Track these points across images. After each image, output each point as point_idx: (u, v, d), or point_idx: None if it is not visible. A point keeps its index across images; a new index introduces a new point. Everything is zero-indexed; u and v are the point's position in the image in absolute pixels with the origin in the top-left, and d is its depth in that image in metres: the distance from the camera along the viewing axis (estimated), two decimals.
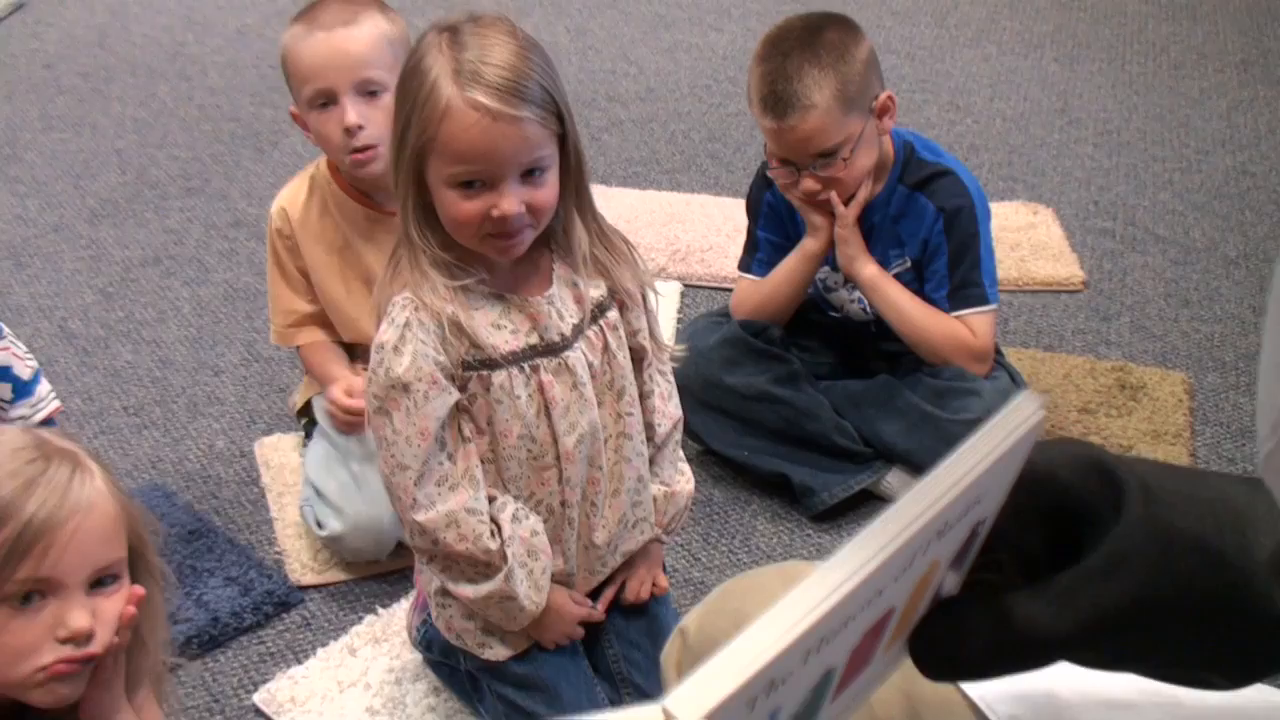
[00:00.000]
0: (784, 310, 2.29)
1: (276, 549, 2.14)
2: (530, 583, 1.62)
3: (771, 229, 2.32)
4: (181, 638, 1.91)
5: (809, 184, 2.13)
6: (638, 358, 1.70)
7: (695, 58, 4.30)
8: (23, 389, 1.91)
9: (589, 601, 1.73)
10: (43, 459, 1.22)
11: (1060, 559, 0.63)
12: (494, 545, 1.59)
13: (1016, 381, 2.22)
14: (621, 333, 1.66)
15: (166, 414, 2.49)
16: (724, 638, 0.45)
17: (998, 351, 2.24)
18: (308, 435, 2.22)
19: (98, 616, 1.23)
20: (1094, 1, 4.79)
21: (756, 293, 2.30)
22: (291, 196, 2.12)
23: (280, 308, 2.16)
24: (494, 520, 1.61)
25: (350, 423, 2.05)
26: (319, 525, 2.06)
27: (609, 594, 1.76)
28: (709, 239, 3.05)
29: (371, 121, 1.95)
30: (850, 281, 2.24)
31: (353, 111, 1.94)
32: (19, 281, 3.02)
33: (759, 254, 2.34)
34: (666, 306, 2.79)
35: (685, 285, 2.91)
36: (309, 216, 2.11)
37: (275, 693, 1.86)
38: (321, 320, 2.16)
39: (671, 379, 1.75)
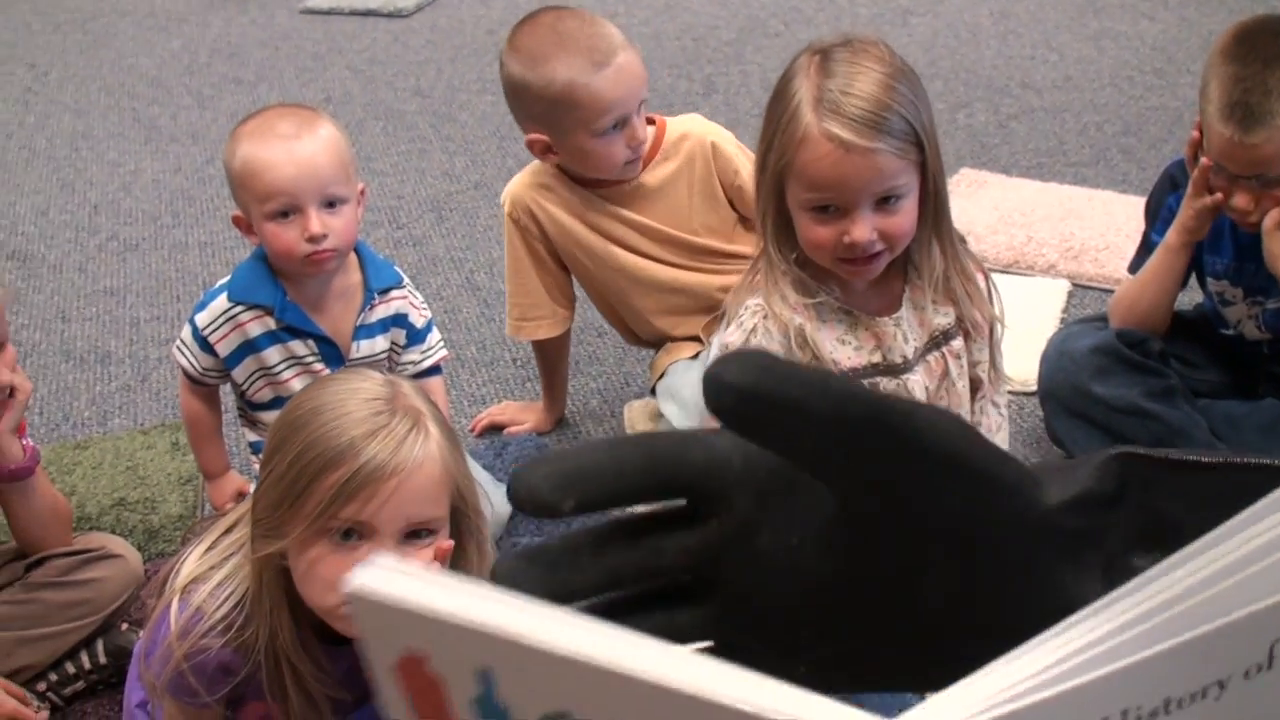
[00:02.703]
0: (1152, 313, 2.17)
1: (631, 509, 2.23)
2: None
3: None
4: None
5: (1241, 201, 1.97)
6: (974, 388, 1.68)
7: (1121, 46, 4.12)
8: (415, 336, 2.07)
9: None
10: (389, 413, 1.32)
11: None
12: None
13: None
14: (964, 362, 1.65)
15: None
16: None
17: None
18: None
19: None
20: None
21: (1125, 294, 2.21)
22: (528, 191, 2.23)
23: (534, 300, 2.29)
24: None
25: None
26: None
27: None
28: (1106, 238, 2.93)
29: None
30: (1253, 295, 2.11)
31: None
32: (438, 233, 3.25)
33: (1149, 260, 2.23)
34: (1050, 305, 2.72)
35: (1074, 284, 2.82)
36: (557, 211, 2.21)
37: None
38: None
39: (1005, 413, 1.72)
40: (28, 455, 1.85)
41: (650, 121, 2.24)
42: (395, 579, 0.37)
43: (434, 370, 2.10)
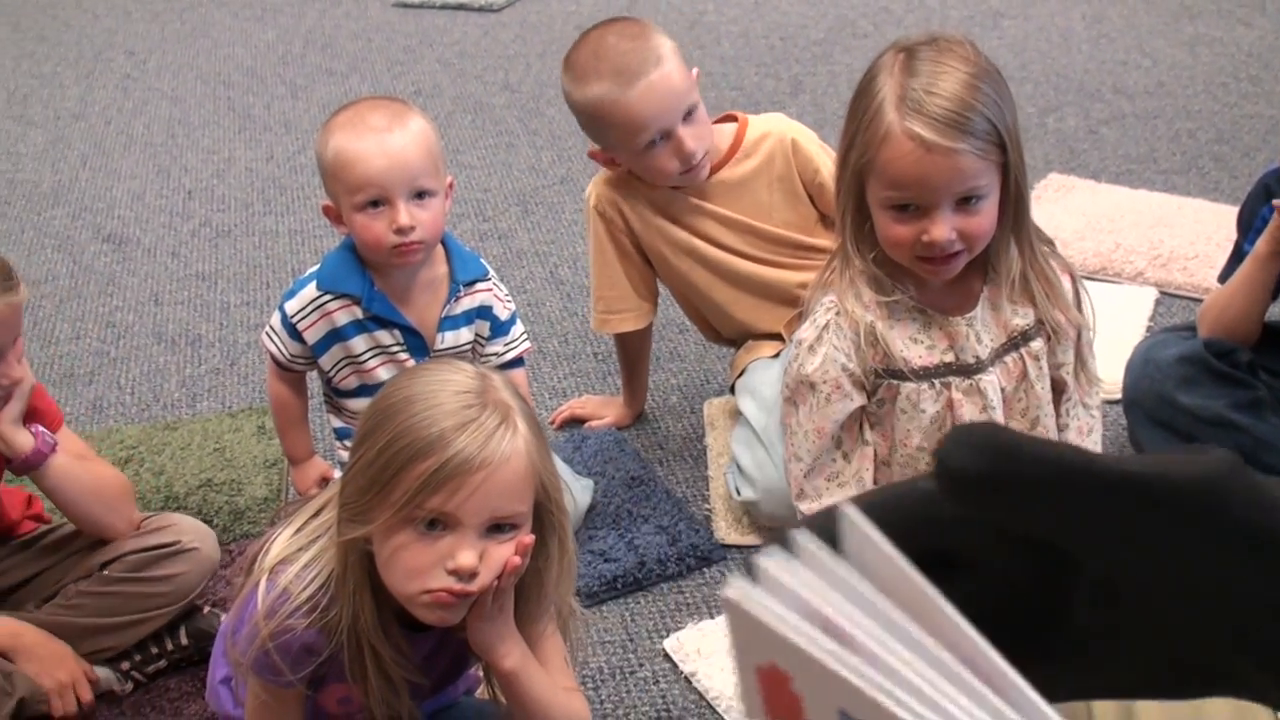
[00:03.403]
0: (1241, 322, 2.15)
1: (707, 506, 2.25)
2: None
3: None
4: (609, 575, 2.06)
5: None
6: (1058, 390, 1.67)
7: (1216, 52, 4.06)
8: (499, 328, 2.10)
9: None
10: (479, 406, 1.33)
11: None
12: None
13: None
14: (1044, 363, 1.64)
15: None
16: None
17: None
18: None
19: (485, 559, 1.34)
20: None
21: (1214, 303, 2.18)
22: (613, 185, 2.24)
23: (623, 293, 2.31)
24: None
25: None
26: (737, 491, 2.16)
27: None
28: (1196, 246, 2.90)
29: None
30: None
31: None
32: (523, 227, 3.28)
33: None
34: (1137, 313, 2.69)
35: (1162, 293, 2.79)
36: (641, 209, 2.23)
37: (684, 641, 1.96)
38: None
39: (1096, 415, 1.71)
40: (39, 443, 1.83)
41: (732, 119, 2.25)
42: (772, 600, 0.38)
43: (517, 363, 2.13)
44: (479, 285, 2.07)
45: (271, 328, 2.06)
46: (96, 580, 1.89)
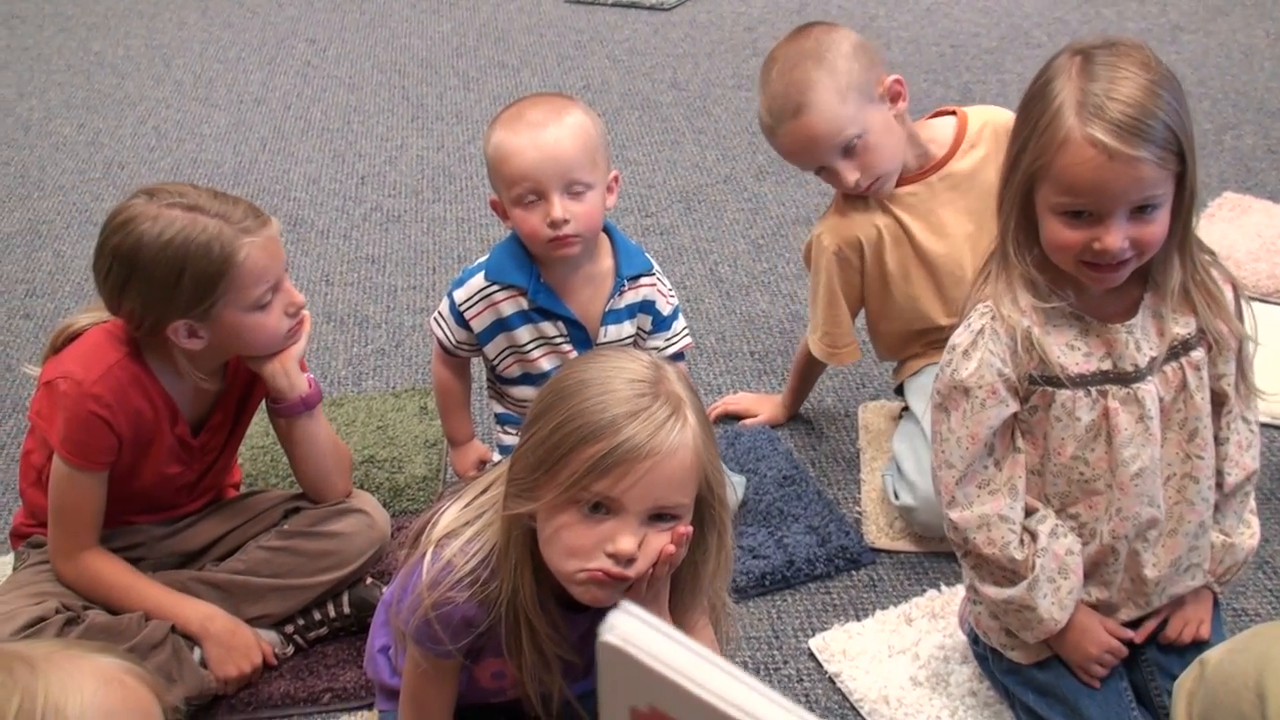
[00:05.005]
0: None
1: (858, 509, 2.25)
2: (1055, 599, 1.63)
3: None
4: (757, 572, 2.07)
5: None
6: (1219, 401, 1.63)
7: None
8: (661, 323, 2.12)
9: (1126, 631, 1.70)
10: (651, 396, 1.36)
11: None
12: (1020, 555, 1.61)
13: None
14: (1204, 374, 1.61)
15: (786, 364, 2.66)
16: (1242, 676, 0.45)
17: None
18: (905, 409, 2.31)
19: (643, 546, 1.36)
20: None
21: None
22: (837, 224, 2.24)
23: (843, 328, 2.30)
24: (1029, 531, 1.62)
25: None
26: (895, 495, 2.16)
27: (1150, 626, 1.72)
28: None
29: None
30: None
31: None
32: (685, 224, 3.31)
33: None
34: None
35: None
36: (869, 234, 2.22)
37: (830, 642, 1.97)
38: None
39: (1256, 429, 1.67)
40: (312, 387, 1.98)
41: (951, 113, 2.27)
42: (647, 634, 0.39)
43: (677, 357, 2.15)
44: (643, 279, 2.09)
45: (440, 314, 2.11)
46: (276, 534, 1.98)
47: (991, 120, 2.24)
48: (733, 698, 0.39)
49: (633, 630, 0.40)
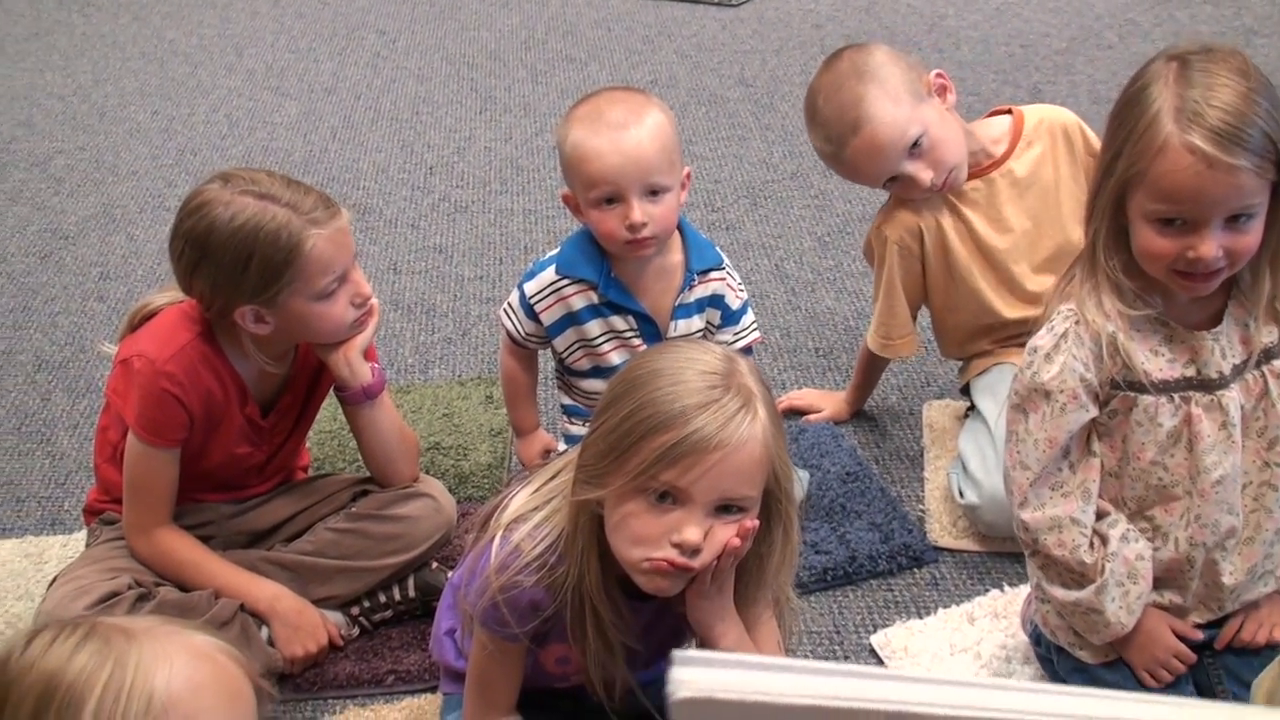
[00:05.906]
0: None
1: (921, 506, 2.25)
2: (1123, 603, 1.62)
3: None
4: (820, 567, 2.08)
5: None
6: None
7: None
8: (730, 317, 2.13)
9: (1196, 632, 1.70)
10: (723, 388, 1.36)
11: None
12: (1089, 558, 1.60)
13: None
14: None
15: (850, 361, 2.66)
16: None
17: None
18: (971, 408, 2.30)
19: (709, 537, 1.37)
20: None
21: None
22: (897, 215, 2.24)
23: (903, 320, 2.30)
24: (1100, 535, 1.62)
25: None
26: (960, 494, 2.15)
27: (1228, 631, 1.71)
28: None
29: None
30: None
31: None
32: (752, 220, 3.32)
33: None
34: None
35: None
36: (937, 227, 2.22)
37: (892, 638, 1.97)
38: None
39: None
40: (376, 376, 2.01)
41: (1007, 111, 2.27)
42: (712, 674, 0.40)
43: (745, 352, 2.14)
44: (713, 274, 2.10)
45: (509, 305, 2.13)
46: (343, 518, 2.01)
47: (1047, 118, 2.24)
48: (820, 691, 0.40)
49: (697, 677, 0.41)
